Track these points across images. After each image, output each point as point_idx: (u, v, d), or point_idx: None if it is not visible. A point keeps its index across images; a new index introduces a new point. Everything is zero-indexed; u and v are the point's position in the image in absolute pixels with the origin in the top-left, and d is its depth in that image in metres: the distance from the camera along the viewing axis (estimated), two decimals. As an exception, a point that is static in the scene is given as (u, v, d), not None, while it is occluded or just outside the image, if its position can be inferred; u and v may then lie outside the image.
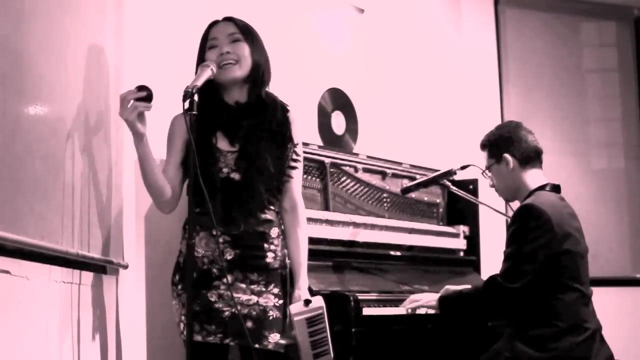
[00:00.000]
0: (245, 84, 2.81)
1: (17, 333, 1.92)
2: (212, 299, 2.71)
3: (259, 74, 2.81)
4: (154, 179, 2.70)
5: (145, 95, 2.55)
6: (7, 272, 1.84)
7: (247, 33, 2.81)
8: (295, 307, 2.78)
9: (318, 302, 2.81)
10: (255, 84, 2.81)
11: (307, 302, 2.78)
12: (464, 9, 5.10)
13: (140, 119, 2.57)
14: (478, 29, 5.16)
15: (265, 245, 2.78)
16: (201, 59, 2.80)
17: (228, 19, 2.85)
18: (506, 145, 3.14)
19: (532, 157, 3.13)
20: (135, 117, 2.55)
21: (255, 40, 2.83)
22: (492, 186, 3.23)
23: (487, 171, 3.21)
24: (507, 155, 3.13)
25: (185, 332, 2.70)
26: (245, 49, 2.79)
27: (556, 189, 3.13)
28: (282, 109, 2.86)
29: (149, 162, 2.67)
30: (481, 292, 3.03)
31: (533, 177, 3.13)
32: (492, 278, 3.01)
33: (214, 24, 2.85)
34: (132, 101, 2.55)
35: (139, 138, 2.61)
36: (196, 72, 2.76)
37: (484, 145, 3.22)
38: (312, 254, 3.32)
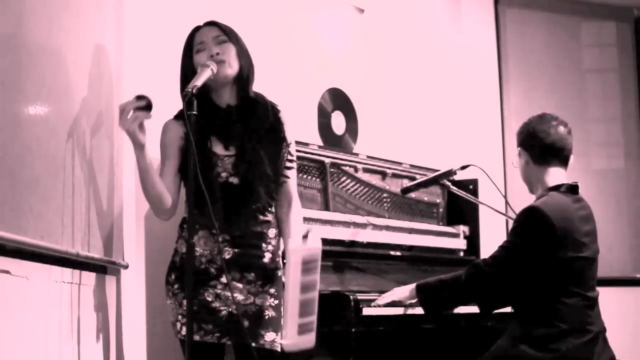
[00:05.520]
0: (234, 85, 2.82)
1: (17, 333, 1.92)
2: (209, 299, 2.72)
3: (245, 74, 2.82)
4: (155, 188, 2.66)
5: (144, 104, 2.51)
6: (7, 272, 1.84)
7: (232, 35, 2.82)
8: (292, 244, 2.65)
9: (316, 241, 2.63)
10: (242, 85, 2.82)
11: (305, 237, 2.64)
12: (464, 9, 5.10)
13: (140, 128, 2.54)
14: (478, 29, 5.15)
15: (264, 245, 2.79)
16: (186, 64, 2.80)
17: (211, 23, 2.84)
18: (524, 139, 3.12)
19: (549, 155, 3.06)
20: (136, 127, 2.51)
21: (240, 41, 2.84)
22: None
23: (517, 156, 3.19)
24: (520, 150, 3.13)
25: (181, 332, 2.71)
26: (232, 50, 2.79)
27: (573, 189, 3.07)
28: (273, 110, 2.87)
29: (149, 172, 2.63)
30: (460, 275, 3.04)
31: (551, 176, 3.07)
32: (474, 262, 3.07)
33: (197, 29, 2.84)
34: (131, 111, 2.51)
35: (139, 148, 2.57)
36: (181, 79, 2.78)
37: (517, 133, 3.21)
38: (312, 254, 3.33)
